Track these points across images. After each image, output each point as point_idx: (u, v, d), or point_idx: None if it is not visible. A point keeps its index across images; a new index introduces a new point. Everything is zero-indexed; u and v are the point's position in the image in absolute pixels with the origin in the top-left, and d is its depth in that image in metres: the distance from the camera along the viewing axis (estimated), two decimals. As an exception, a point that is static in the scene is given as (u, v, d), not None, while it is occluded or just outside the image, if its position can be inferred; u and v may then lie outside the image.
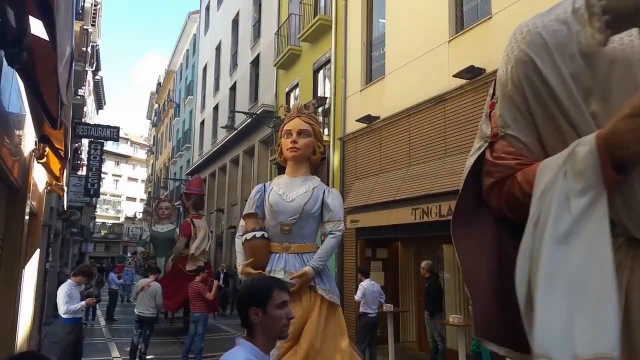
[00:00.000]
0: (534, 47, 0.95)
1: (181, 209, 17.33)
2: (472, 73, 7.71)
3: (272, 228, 3.41)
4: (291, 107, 3.78)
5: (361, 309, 7.97)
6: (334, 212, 3.45)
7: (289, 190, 3.47)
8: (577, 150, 0.83)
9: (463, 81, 7.93)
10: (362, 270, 8.62)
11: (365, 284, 8.06)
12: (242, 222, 3.47)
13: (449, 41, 8.58)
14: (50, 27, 1.82)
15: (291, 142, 3.52)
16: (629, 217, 0.82)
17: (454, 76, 7.95)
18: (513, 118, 1.00)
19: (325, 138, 12.75)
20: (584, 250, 0.77)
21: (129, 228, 56.23)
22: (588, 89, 0.91)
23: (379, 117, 10.34)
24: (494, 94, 1.08)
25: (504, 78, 1.02)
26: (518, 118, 1.00)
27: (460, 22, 8.66)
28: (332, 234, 3.44)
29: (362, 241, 10.74)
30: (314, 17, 13.47)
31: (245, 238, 3.29)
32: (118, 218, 58.83)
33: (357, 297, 8.06)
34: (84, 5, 16.57)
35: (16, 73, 2.85)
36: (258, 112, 16.35)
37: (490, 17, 7.71)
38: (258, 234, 3.36)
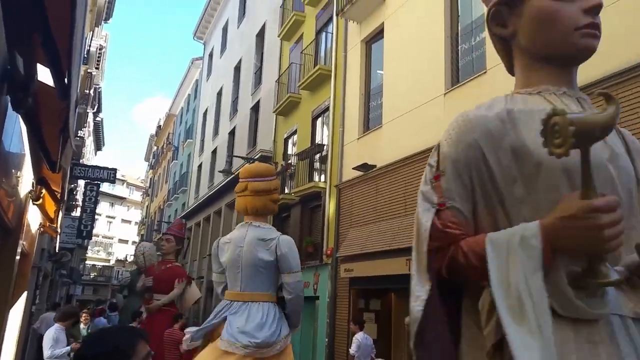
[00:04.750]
0: (482, 137, 1.15)
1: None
2: (467, 126, 7.84)
3: None
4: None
5: (354, 362, 7.75)
6: None
7: None
8: (526, 235, 1.02)
9: (459, 133, 8.04)
10: (358, 322, 8.43)
11: (359, 336, 7.88)
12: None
13: (445, 94, 8.79)
14: (59, 76, 1.87)
15: None
16: (554, 293, 1.01)
17: (449, 128, 8.08)
18: (459, 193, 1.17)
19: (321, 185, 12.84)
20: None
21: (118, 271, 55.28)
22: (514, 178, 1.12)
23: (375, 166, 10.42)
24: (437, 166, 1.23)
25: (455, 157, 1.19)
26: (462, 194, 1.17)
27: (456, 76, 8.90)
28: None
29: (355, 291, 10.59)
30: (314, 67, 13.82)
31: None
32: (108, 260, 58.00)
33: (352, 350, 7.85)
34: (89, 50, 16.99)
35: (19, 116, 2.89)
36: (256, 157, 16.47)
37: (485, 72, 7.94)
38: None
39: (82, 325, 10.01)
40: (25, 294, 7.27)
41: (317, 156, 13.64)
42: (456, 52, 9.05)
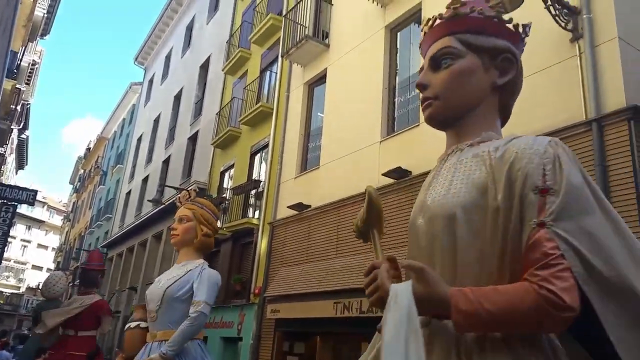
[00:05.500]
0: None
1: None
2: (399, 174, 8.12)
3: (147, 318, 3.30)
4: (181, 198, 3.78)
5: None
6: (195, 294, 3.26)
7: (165, 277, 3.40)
8: None
9: (391, 180, 8.30)
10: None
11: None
12: None
13: (380, 142, 9.08)
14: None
15: (171, 230, 3.56)
16: None
17: (382, 175, 8.33)
18: None
19: (254, 221, 12.67)
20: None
21: (29, 300, 51.01)
22: None
23: (310, 206, 10.47)
24: None
25: None
26: None
27: (392, 126, 9.24)
28: (188, 317, 3.18)
29: (280, 333, 10.37)
30: (256, 103, 13.88)
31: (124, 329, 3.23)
32: (19, 288, 53.52)
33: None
34: (19, 64, 16.15)
35: None
36: (189, 189, 16.04)
37: (418, 125, 8.30)
38: (133, 324, 3.37)
39: None
40: None
41: (253, 192, 13.53)
42: (393, 103, 9.44)
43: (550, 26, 6.18)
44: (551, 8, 5.96)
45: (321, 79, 11.76)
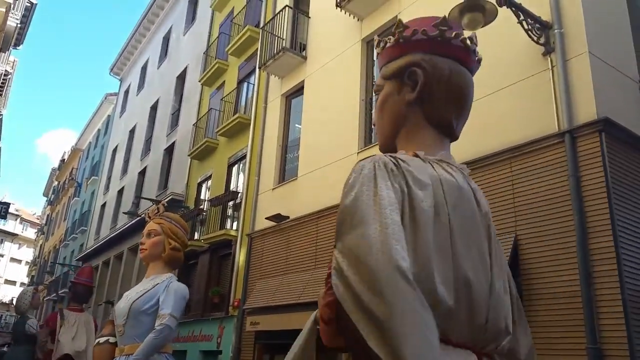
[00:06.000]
0: None
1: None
2: (378, 185, 8.15)
3: (115, 332, 3.34)
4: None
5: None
6: (161, 307, 3.25)
7: (133, 291, 3.40)
8: None
9: (369, 191, 8.32)
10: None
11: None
12: None
13: (358, 153, 9.12)
14: None
15: (140, 244, 3.59)
16: None
17: (361, 186, 8.34)
18: None
19: (232, 233, 12.55)
20: None
21: (1, 315, 49.46)
22: None
23: (288, 217, 10.42)
24: None
25: None
26: None
27: (369, 137, 9.30)
28: (154, 329, 3.17)
29: (260, 346, 10.25)
30: (233, 115, 13.82)
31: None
32: (-11, 303, 51.86)
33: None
34: (-10, 74, 15.77)
35: None
36: (166, 200, 15.86)
37: (396, 136, 8.37)
38: (102, 339, 3.37)
39: None
40: None
41: (231, 203, 13.42)
42: (370, 114, 9.50)
43: (523, 40, 6.33)
44: (524, 23, 6.11)
45: (298, 90, 11.79)
